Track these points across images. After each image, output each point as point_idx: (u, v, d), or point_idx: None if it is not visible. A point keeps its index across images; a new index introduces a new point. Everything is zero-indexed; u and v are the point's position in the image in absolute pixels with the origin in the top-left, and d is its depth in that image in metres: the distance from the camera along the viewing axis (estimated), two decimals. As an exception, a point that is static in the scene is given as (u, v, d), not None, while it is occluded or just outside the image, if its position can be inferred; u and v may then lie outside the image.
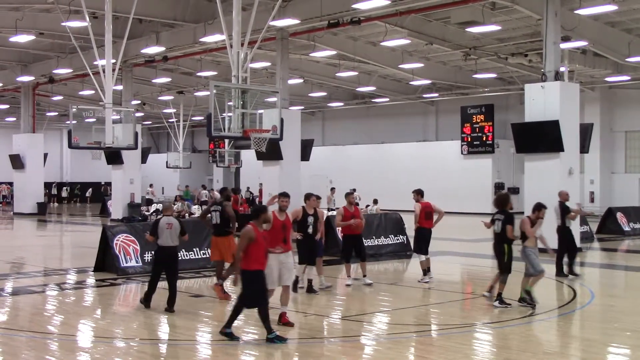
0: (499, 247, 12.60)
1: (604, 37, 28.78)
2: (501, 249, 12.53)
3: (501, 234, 12.47)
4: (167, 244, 12.05)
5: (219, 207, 13.58)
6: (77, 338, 10.63)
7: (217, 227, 13.55)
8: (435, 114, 47.80)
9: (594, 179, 39.10)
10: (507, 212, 12.56)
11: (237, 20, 19.20)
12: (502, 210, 12.66)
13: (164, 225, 12.08)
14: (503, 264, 12.53)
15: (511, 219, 12.41)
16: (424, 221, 15.02)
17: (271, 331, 9.83)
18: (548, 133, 20.78)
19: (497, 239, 12.66)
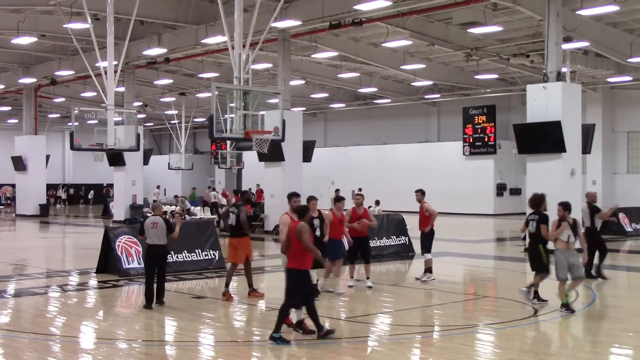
0: (534, 248, 12.66)
1: (606, 37, 28.76)
2: (537, 250, 12.55)
3: (536, 234, 12.53)
4: (153, 243, 12.46)
5: (236, 209, 13.67)
6: (80, 340, 10.63)
7: (232, 228, 13.63)
8: (437, 115, 47.79)
9: (596, 179, 39.05)
10: (541, 213, 12.62)
11: (239, 22, 19.21)
12: (536, 211, 12.71)
13: (149, 224, 12.56)
14: (541, 265, 12.55)
15: (546, 219, 12.46)
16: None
17: (322, 328, 10.00)
18: (550, 134, 20.77)
19: (532, 239, 12.73)
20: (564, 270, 11.95)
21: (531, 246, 12.83)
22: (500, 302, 13.66)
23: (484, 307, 13.26)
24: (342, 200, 14.30)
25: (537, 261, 12.63)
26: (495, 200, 42.13)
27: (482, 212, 40.38)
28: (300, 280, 9.87)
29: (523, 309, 12.52)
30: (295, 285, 9.89)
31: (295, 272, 9.85)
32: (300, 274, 9.87)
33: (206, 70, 36.11)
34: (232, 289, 15.40)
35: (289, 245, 10.00)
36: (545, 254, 12.52)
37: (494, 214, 40.87)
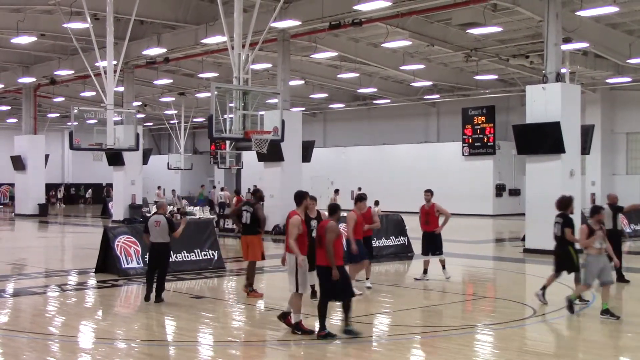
0: (561, 250, 12.73)
1: (605, 38, 28.78)
2: (565, 251, 12.64)
3: (562, 236, 12.61)
4: (156, 241, 12.90)
5: (251, 207, 13.74)
6: (78, 339, 10.63)
7: (246, 226, 13.68)
8: (437, 115, 47.81)
9: (595, 180, 39.08)
10: (566, 216, 12.71)
11: (239, 22, 19.22)
12: (562, 214, 12.79)
13: (153, 223, 13.02)
14: (573, 266, 12.64)
15: (570, 223, 12.57)
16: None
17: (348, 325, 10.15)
18: (549, 134, 20.78)
19: (557, 241, 12.80)
20: (594, 275, 11.71)
21: (558, 248, 12.86)
22: (499, 302, 13.67)
23: (483, 308, 13.27)
24: (364, 199, 14.37)
25: (568, 263, 12.70)
26: (495, 201, 42.15)
27: (481, 212, 40.39)
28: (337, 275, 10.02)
29: (522, 310, 12.54)
30: (331, 281, 10.01)
31: (329, 269, 9.98)
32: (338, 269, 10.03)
33: (206, 70, 36.12)
34: (232, 289, 15.43)
35: (321, 243, 10.05)
36: (575, 254, 12.65)
37: (493, 215, 40.88)
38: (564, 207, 12.88)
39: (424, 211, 15.52)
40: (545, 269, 15.18)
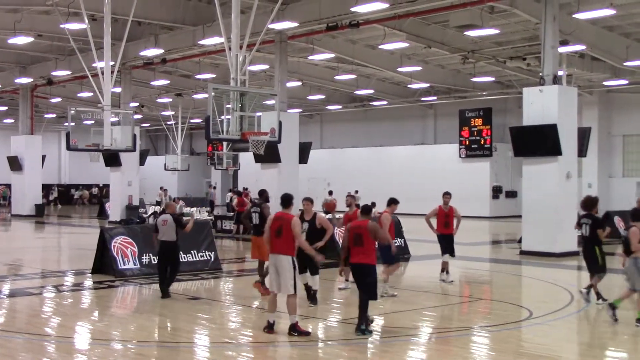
0: (590, 251, 12.80)
1: (602, 41, 28.83)
2: (593, 252, 12.72)
3: (590, 237, 12.67)
4: (164, 239, 13.37)
5: (258, 208, 14.06)
6: (75, 340, 10.63)
7: (256, 227, 13.89)
8: (434, 117, 47.83)
9: (592, 182, 39.11)
10: (595, 217, 12.80)
11: (236, 23, 19.23)
12: (589, 214, 12.86)
13: (160, 222, 13.49)
14: (598, 267, 12.76)
15: (601, 224, 12.68)
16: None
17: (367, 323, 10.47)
18: (546, 137, 20.81)
19: (585, 242, 12.87)
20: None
21: (586, 248, 12.95)
22: (495, 304, 13.68)
23: (479, 310, 13.28)
24: (396, 203, 14.48)
25: (594, 262, 12.81)
26: (491, 203, 42.18)
27: (477, 214, 40.38)
28: (375, 274, 10.51)
29: (518, 312, 12.55)
30: (375, 279, 10.44)
31: (373, 267, 10.43)
32: (375, 268, 10.54)
33: (203, 72, 36.12)
34: (228, 290, 15.44)
35: (361, 242, 10.39)
36: (601, 254, 12.73)
37: (489, 217, 40.90)
38: (590, 207, 12.97)
39: (443, 213, 15.55)
40: (542, 270, 15.27)
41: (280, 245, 10.34)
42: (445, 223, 15.54)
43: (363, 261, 10.35)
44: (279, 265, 10.34)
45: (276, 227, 10.37)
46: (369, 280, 10.39)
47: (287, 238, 10.29)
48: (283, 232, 10.31)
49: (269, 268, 10.63)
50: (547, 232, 20.91)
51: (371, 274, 10.41)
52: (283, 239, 10.30)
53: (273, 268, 10.43)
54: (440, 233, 15.57)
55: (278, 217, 10.48)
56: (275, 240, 10.39)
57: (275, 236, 10.38)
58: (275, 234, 10.37)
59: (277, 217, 10.50)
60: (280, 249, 10.34)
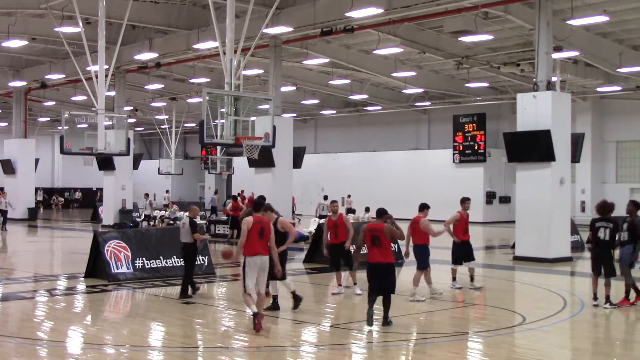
0: (608, 255, 12.92)
1: (596, 47, 28.94)
2: (611, 256, 12.88)
3: (610, 241, 12.81)
4: (183, 240, 14.07)
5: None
6: (67, 344, 10.59)
7: None
8: (428, 122, 47.90)
9: (585, 188, 39.22)
10: (615, 221, 12.92)
11: (231, 28, 19.25)
12: (606, 218, 12.96)
13: (181, 224, 14.42)
14: (614, 271, 12.94)
15: (618, 228, 12.83)
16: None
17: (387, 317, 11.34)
18: (540, 142, 20.85)
19: (603, 246, 12.93)
20: None
21: (604, 253, 13.01)
22: (488, 310, 13.68)
23: (473, 315, 13.28)
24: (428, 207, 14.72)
25: (611, 267, 12.93)
26: (485, 208, 42.21)
27: (471, 219, 40.05)
28: (394, 271, 11.46)
29: (511, 317, 12.56)
30: (394, 276, 11.40)
31: (392, 265, 11.32)
32: (394, 266, 11.42)
33: (197, 76, 36.12)
34: (222, 295, 15.41)
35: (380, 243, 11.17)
36: (613, 258, 12.91)
37: (483, 222, 40.94)
38: (607, 211, 13.06)
39: (464, 220, 15.38)
40: (535, 276, 15.28)
41: (264, 246, 10.97)
42: (465, 230, 15.38)
43: (382, 260, 11.18)
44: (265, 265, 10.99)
45: (258, 229, 10.93)
46: (391, 278, 11.27)
47: (267, 240, 11.02)
48: (265, 234, 10.95)
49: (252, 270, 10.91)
50: (541, 238, 20.93)
51: (392, 272, 11.30)
52: (265, 241, 10.99)
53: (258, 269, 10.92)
54: (460, 240, 15.28)
55: (258, 220, 11.03)
56: (259, 241, 10.90)
57: (259, 238, 10.90)
58: (259, 236, 10.90)
59: (257, 220, 11.02)
60: (265, 250, 10.98)
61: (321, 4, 24.42)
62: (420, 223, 14.11)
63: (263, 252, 10.90)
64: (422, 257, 14.07)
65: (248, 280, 10.94)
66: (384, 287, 11.22)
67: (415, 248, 14.27)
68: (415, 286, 13.96)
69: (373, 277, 11.27)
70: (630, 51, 30.29)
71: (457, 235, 15.16)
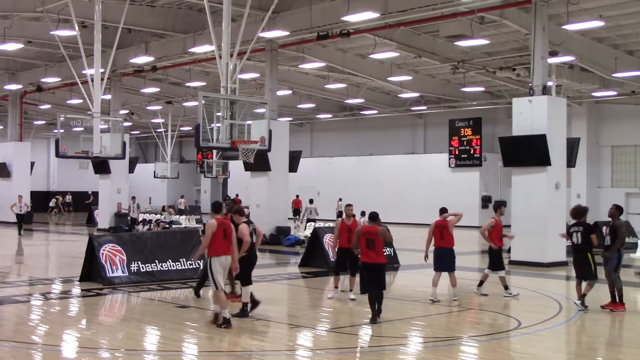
0: (583, 258, 13.05)
1: (591, 52, 29.00)
2: (586, 259, 12.99)
3: (583, 244, 12.97)
4: None
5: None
6: (62, 348, 10.56)
7: None
8: (424, 126, 47.94)
9: (581, 193, 39.25)
10: (585, 223, 13.09)
11: (227, 31, 19.25)
12: (580, 222, 13.11)
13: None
14: (591, 274, 13.05)
15: (592, 229, 13.03)
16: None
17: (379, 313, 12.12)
18: (535, 147, 20.89)
19: (577, 249, 13.13)
20: None
21: (579, 256, 13.17)
22: (484, 314, 13.68)
23: (468, 319, 13.28)
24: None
25: (587, 269, 13.03)
26: (481, 213, 42.21)
27: (467, 224, 40.34)
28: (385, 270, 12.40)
29: (507, 322, 12.56)
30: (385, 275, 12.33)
31: (384, 265, 12.36)
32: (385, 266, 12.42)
33: (193, 79, 36.10)
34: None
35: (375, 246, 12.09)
36: (593, 262, 13.00)
37: (479, 226, 40.85)
38: (580, 215, 13.23)
39: (500, 226, 15.25)
40: (531, 280, 15.28)
41: (229, 246, 11.56)
42: (500, 236, 15.28)
43: (376, 261, 12.08)
44: (227, 265, 11.60)
45: (222, 231, 11.48)
46: (383, 277, 12.21)
47: (231, 240, 11.59)
48: (228, 235, 11.53)
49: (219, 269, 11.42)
50: (536, 242, 20.96)
51: (384, 271, 12.27)
52: (229, 241, 11.58)
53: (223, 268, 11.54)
54: (498, 247, 15.14)
55: (221, 222, 11.56)
56: (224, 242, 11.48)
57: (223, 238, 11.47)
58: (223, 237, 11.48)
59: (220, 222, 11.54)
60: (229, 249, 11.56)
61: (317, 8, 24.46)
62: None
63: (228, 252, 11.53)
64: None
65: (218, 278, 11.39)
66: (379, 285, 12.12)
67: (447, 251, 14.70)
68: (454, 287, 14.55)
69: (369, 277, 12.14)
70: (625, 56, 30.37)
71: (494, 241, 15.02)
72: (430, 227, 14.81)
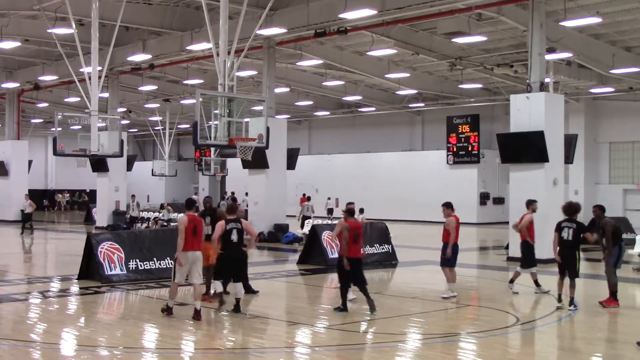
0: (572, 255, 12.98)
1: (589, 48, 29.02)
2: (574, 256, 12.95)
3: (573, 242, 12.91)
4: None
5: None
6: (60, 346, 10.56)
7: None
8: (421, 123, 47.97)
9: (579, 189, 39.31)
10: (578, 221, 13.07)
11: (224, 29, 19.23)
12: (572, 219, 13.09)
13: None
14: (575, 271, 13.02)
15: (585, 228, 13.04)
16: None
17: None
18: (533, 144, 20.90)
19: (568, 246, 13.03)
20: None
21: (568, 253, 13.07)
22: (482, 310, 13.70)
23: (466, 316, 13.30)
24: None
25: (574, 267, 13.00)
26: (479, 209, 42.32)
27: (465, 221, 40.26)
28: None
29: (505, 318, 12.58)
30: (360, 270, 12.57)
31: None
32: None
33: (191, 77, 36.08)
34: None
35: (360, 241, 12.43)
36: (579, 260, 13.03)
37: (477, 223, 41.01)
38: (572, 212, 13.20)
39: (533, 222, 15.24)
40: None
41: (198, 243, 11.86)
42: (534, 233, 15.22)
43: (360, 255, 12.42)
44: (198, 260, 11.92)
45: (192, 228, 11.79)
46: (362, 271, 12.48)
47: (200, 236, 11.92)
48: (197, 231, 11.84)
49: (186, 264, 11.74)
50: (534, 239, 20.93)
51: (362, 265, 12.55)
52: (198, 238, 11.87)
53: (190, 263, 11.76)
54: (533, 243, 15.07)
55: (191, 218, 11.87)
56: (193, 238, 11.76)
57: (192, 235, 11.76)
58: (192, 233, 11.76)
59: (190, 218, 11.84)
60: (197, 246, 11.84)
61: (315, 6, 24.45)
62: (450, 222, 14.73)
63: (196, 247, 11.82)
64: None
65: (178, 273, 11.82)
66: (362, 278, 12.43)
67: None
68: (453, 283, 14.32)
69: (352, 270, 12.29)
70: (623, 52, 30.39)
71: (532, 238, 14.97)
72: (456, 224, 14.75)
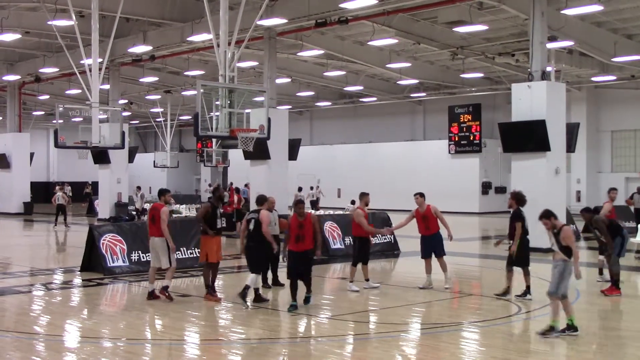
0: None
1: (590, 37, 28.93)
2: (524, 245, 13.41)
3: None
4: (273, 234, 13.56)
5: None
6: (64, 338, 10.59)
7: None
8: (423, 113, 47.91)
9: (581, 178, 39.30)
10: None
11: (225, 20, 19.20)
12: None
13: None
14: (526, 261, 13.43)
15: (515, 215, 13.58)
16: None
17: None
18: (535, 132, 20.87)
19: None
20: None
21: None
22: (484, 300, 13.71)
23: (469, 305, 13.31)
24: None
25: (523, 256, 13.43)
26: (481, 199, 42.32)
27: (467, 210, 40.47)
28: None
29: (507, 307, 12.59)
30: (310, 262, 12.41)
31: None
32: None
33: (192, 68, 36.03)
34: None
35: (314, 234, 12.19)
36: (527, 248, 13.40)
37: (479, 212, 41.03)
38: (522, 202, 13.68)
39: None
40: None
41: (154, 230, 12.70)
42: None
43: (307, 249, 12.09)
44: (156, 245, 12.80)
45: (150, 216, 12.89)
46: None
47: (159, 224, 12.61)
48: (156, 219, 12.64)
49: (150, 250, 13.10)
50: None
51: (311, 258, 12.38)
52: (157, 225, 12.64)
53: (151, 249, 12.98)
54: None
55: (153, 207, 12.96)
56: (151, 226, 12.80)
57: (151, 223, 12.81)
58: (151, 221, 12.80)
59: (152, 207, 12.98)
60: (155, 232, 12.70)
61: (315, -5, 24.39)
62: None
63: (155, 234, 12.75)
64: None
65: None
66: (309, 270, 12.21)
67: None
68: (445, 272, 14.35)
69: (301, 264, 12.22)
70: (625, 40, 30.30)
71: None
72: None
